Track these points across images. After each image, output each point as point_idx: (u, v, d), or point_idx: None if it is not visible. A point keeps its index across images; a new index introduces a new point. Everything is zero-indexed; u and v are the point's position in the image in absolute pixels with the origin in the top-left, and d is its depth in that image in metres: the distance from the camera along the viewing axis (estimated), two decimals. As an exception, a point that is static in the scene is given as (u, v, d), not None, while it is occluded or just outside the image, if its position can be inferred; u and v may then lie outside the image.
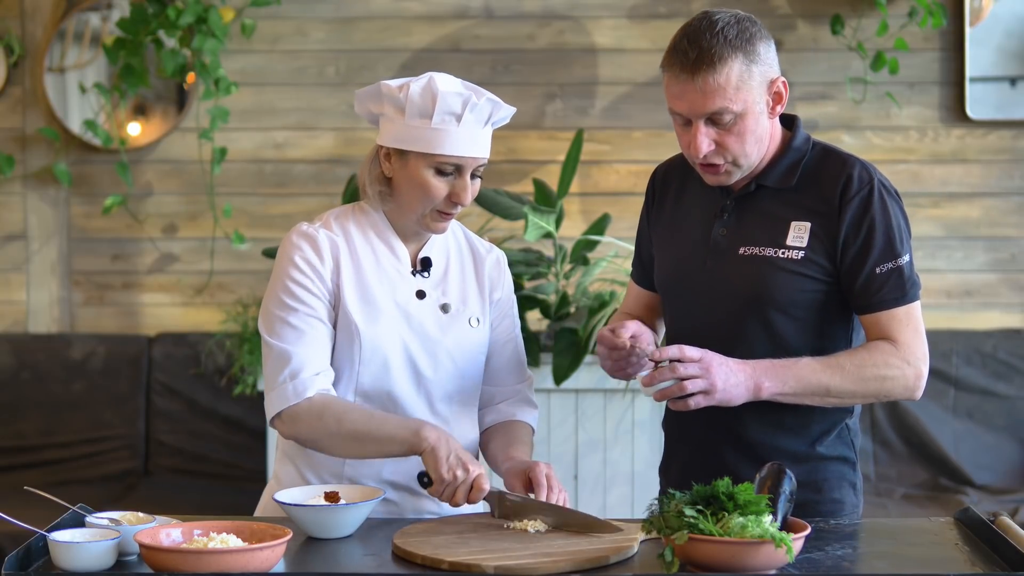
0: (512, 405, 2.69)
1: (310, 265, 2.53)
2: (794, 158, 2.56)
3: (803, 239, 2.52)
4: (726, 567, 2.10)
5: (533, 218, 4.40)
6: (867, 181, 2.52)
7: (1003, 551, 2.21)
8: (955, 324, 4.94)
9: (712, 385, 2.39)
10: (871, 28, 4.90)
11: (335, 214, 2.61)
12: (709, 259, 2.55)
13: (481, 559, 2.19)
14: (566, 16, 5.02)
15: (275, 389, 2.50)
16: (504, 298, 2.69)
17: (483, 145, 2.53)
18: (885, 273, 2.49)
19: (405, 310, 2.56)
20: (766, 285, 2.50)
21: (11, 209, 5.05)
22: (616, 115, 5.02)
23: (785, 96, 2.52)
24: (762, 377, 2.43)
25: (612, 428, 4.46)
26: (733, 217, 2.57)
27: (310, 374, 2.49)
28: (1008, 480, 4.77)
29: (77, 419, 4.90)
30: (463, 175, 2.51)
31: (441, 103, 2.48)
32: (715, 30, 2.45)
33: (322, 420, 2.47)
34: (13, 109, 5.04)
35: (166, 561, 2.11)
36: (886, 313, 2.50)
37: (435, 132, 2.48)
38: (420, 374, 2.56)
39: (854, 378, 2.46)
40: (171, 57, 4.81)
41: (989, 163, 5.00)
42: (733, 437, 2.57)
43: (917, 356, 2.50)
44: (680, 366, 2.38)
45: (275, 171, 5.05)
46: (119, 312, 5.08)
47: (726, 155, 2.50)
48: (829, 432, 2.59)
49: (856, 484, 2.63)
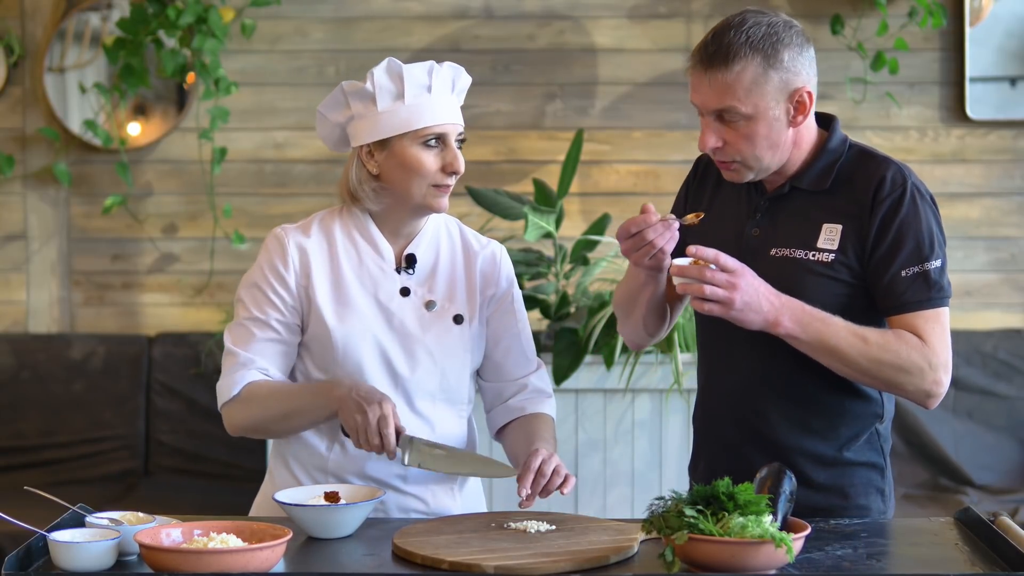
0: (522, 399, 2.68)
1: (275, 272, 2.58)
2: (829, 160, 2.54)
3: (834, 241, 2.50)
4: (726, 567, 2.10)
5: (533, 218, 4.40)
6: (900, 183, 2.49)
7: (1003, 551, 2.21)
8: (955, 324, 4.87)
9: (731, 300, 2.36)
10: (871, 28, 4.90)
11: (320, 216, 2.65)
12: (742, 258, 2.52)
13: (481, 559, 2.20)
14: (566, 16, 5.02)
15: (218, 386, 2.61)
16: (502, 293, 2.68)
17: (456, 112, 2.58)
18: (911, 276, 2.47)
19: (386, 308, 2.58)
20: (796, 287, 2.47)
21: (11, 209, 5.05)
22: (616, 115, 5.02)
23: (810, 106, 2.49)
24: (785, 315, 2.40)
25: (612, 428, 4.46)
26: (766, 217, 2.56)
27: (244, 371, 2.57)
28: (1008, 480, 4.77)
29: (77, 419, 4.89)
30: (448, 144, 2.55)
31: (409, 77, 2.53)
32: (741, 28, 2.43)
33: (250, 408, 2.56)
34: (13, 109, 5.04)
35: (166, 561, 2.11)
36: (912, 315, 2.47)
37: (411, 108, 2.53)
38: (396, 373, 2.57)
39: (872, 357, 2.42)
40: (171, 57, 4.81)
41: (989, 163, 5.00)
42: (759, 438, 2.55)
43: (940, 362, 2.47)
44: (708, 271, 2.36)
45: (275, 171, 5.05)
46: (119, 312, 5.08)
47: (734, 155, 2.49)
48: (858, 437, 2.56)
49: (885, 491, 2.60)
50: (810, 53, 2.49)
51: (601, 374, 4.44)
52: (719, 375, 2.62)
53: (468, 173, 4.97)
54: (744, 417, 2.55)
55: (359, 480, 2.57)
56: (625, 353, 4.36)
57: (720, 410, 2.61)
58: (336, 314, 2.56)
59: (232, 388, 2.57)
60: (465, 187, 4.68)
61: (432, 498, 2.60)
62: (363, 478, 2.57)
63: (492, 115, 5.02)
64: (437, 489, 2.61)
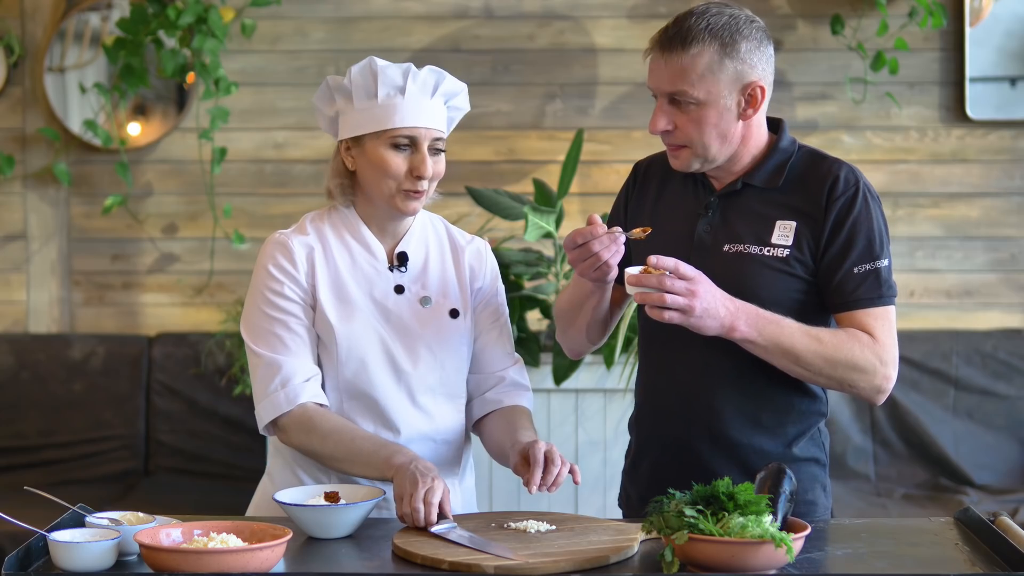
0: (500, 392, 2.69)
1: (285, 273, 2.58)
2: (780, 159, 2.59)
3: (788, 238, 2.53)
4: (726, 567, 2.10)
5: (533, 218, 4.40)
6: (853, 183, 2.54)
7: (1003, 551, 2.22)
8: (955, 324, 4.94)
9: (691, 307, 2.38)
10: (871, 28, 4.90)
11: (311, 217, 2.66)
12: (693, 255, 2.54)
13: (481, 559, 2.20)
14: (566, 16, 5.02)
15: (267, 398, 2.55)
16: (486, 287, 2.70)
17: (433, 116, 2.56)
18: (863, 273, 2.51)
19: (383, 306, 2.60)
20: (751, 282, 2.51)
21: (11, 209, 5.05)
22: (616, 115, 5.02)
23: (761, 101, 2.53)
24: (741, 320, 2.43)
25: (612, 428, 4.46)
26: (718, 215, 2.59)
27: (300, 381, 2.55)
28: (1008, 480, 4.77)
29: (77, 419, 4.89)
30: (419, 148, 2.55)
31: (383, 78, 2.54)
32: (704, 16, 2.50)
33: (309, 436, 2.53)
34: (13, 109, 5.04)
35: (166, 561, 2.11)
36: (862, 312, 2.51)
37: (383, 108, 2.54)
38: (399, 369, 2.59)
39: (827, 357, 2.46)
40: (171, 57, 4.81)
41: (989, 163, 5.00)
42: (710, 434, 2.57)
43: (890, 357, 2.51)
44: (668, 280, 2.38)
45: (275, 171, 5.05)
46: (119, 312, 5.08)
47: (682, 139, 2.53)
48: (804, 434, 2.60)
49: (826, 486, 2.65)
50: (769, 51, 2.54)
51: (601, 374, 4.44)
52: (669, 372, 2.63)
53: (468, 173, 5.01)
54: (696, 413, 2.58)
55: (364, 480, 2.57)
56: (625, 353, 4.36)
57: (671, 407, 2.62)
58: (339, 313, 2.57)
59: (291, 400, 2.53)
60: (465, 187, 4.68)
61: None
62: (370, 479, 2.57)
63: (492, 115, 5.02)
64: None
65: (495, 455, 2.65)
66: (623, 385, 4.37)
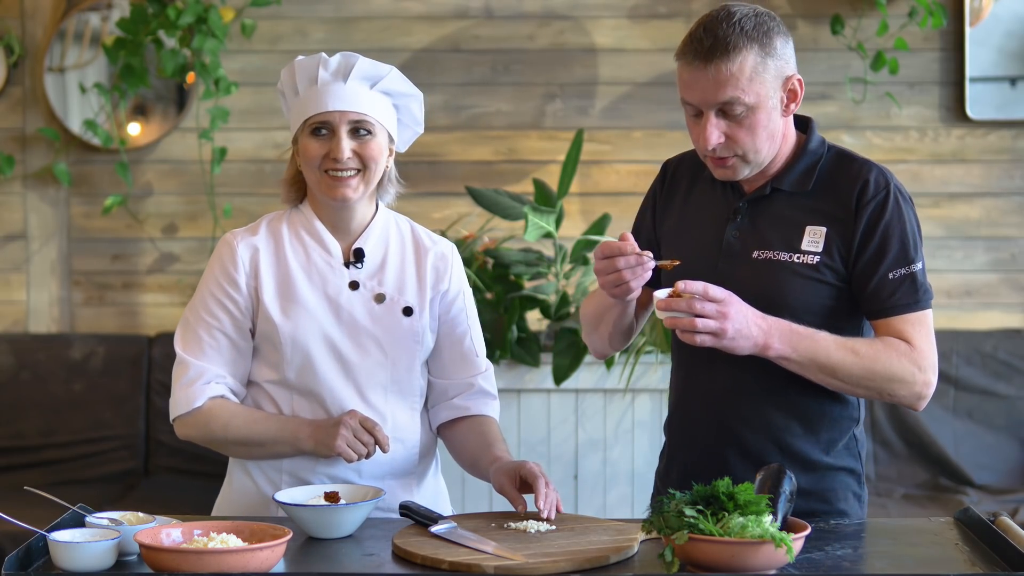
0: (466, 399, 2.69)
1: (226, 275, 2.62)
2: (810, 161, 2.55)
3: (818, 244, 2.49)
4: (726, 567, 2.10)
5: (533, 218, 4.40)
6: (884, 186, 2.50)
7: (1003, 551, 2.21)
8: (955, 324, 4.94)
9: (723, 330, 2.36)
10: (871, 28, 4.90)
11: (269, 218, 2.70)
12: (721, 261, 2.52)
13: (481, 559, 2.20)
14: (566, 16, 5.02)
15: (172, 396, 2.64)
16: (453, 291, 2.70)
17: (347, 99, 2.57)
18: (898, 278, 2.47)
19: (335, 302, 2.61)
20: (780, 289, 2.48)
21: (11, 209, 5.05)
22: (616, 115, 5.02)
23: (800, 94, 2.51)
24: (774, 338, 2.40)
25: (612, 428, 4.46)
26: (747, 220, 2.55)
27: (202, 383, 2.60)
28: (1008, 480, 4.77)
29: (77, 419, 4.89)
30: (336, 132, 2.57)
31: (299, 72, 2.60)
32: (732, 20, 2.44)
33: (209, 427, 2.61)
34: (13, 109, 5.04)
35: (166, 561, 2.11)
36: (899, 318, 2.47)
37: (302, 101, 2.59)
38: (345, 361, 2.60)
39: (864, 368, 2.43)
40: (171, 57, 4.81)
41: (989, 163, 5.00)
42: (740, 442, 2.54)
43: (929, 363, 2.47)
44: (698, 303, 2.35)
45: (275, 171, 5.05)
46: (119, 312, 5.08)
47: (736, 149, 2.48)
48: (837, 441, 2.56)
49: (861, 496, 2.61)
50: (792, 43, 2.53)
51: (601, 374, 4.44)
52: (699, 378, 2.60)
53: (468, 173, 5.01)
54: (725, 421, 2.55)
55: (315, 479, 2.59)
56: (625, 353, 4.36)
57: (700, 413, 2.59)
58: (282, 310, 2.60)
59: (190, 402, 2.61)
60: (465, 187, 4.68)
61: (389, 493, 2.59)
62: (318, 476, 2.59)
63: (492, 115, 5.02)
64: (394, 484, 2.63)
65: (464, 464, 2.68)
66: (623, 385, 4.37)
